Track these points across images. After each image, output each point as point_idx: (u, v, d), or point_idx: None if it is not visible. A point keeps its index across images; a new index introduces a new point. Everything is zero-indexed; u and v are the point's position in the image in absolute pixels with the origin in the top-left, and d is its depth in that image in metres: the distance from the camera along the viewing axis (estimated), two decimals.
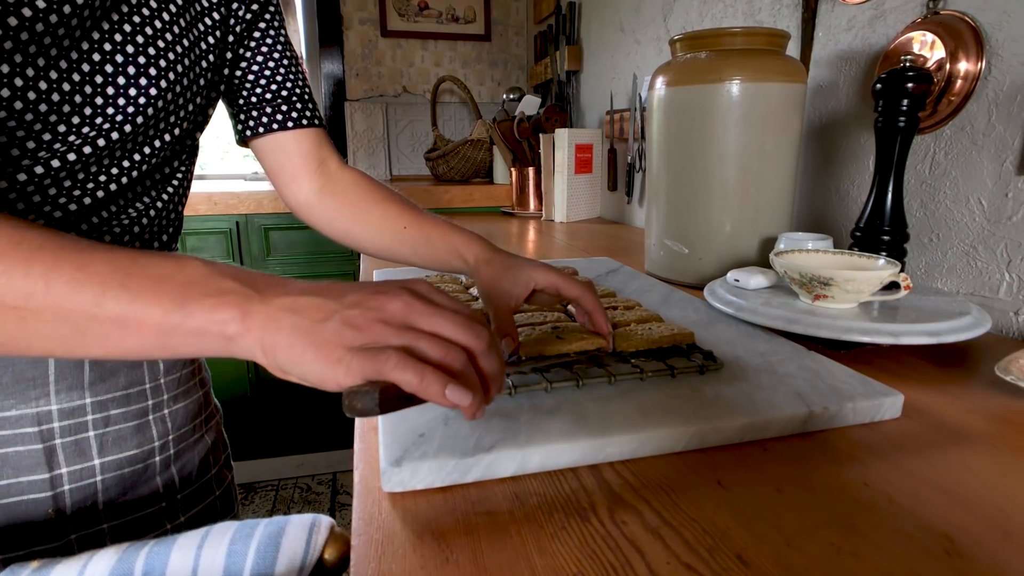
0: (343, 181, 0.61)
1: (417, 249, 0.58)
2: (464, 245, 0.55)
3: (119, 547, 0.34)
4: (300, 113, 0.59)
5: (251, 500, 1.80)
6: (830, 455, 0.38)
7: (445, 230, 0.57)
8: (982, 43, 0.63)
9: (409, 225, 0.59)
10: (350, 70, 2.21)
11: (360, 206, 0.61)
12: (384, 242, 0.60)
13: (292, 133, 0.59)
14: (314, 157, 0.60)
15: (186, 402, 0.55)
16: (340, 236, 0.62)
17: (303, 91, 0.59)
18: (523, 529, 0.31)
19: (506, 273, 0.51)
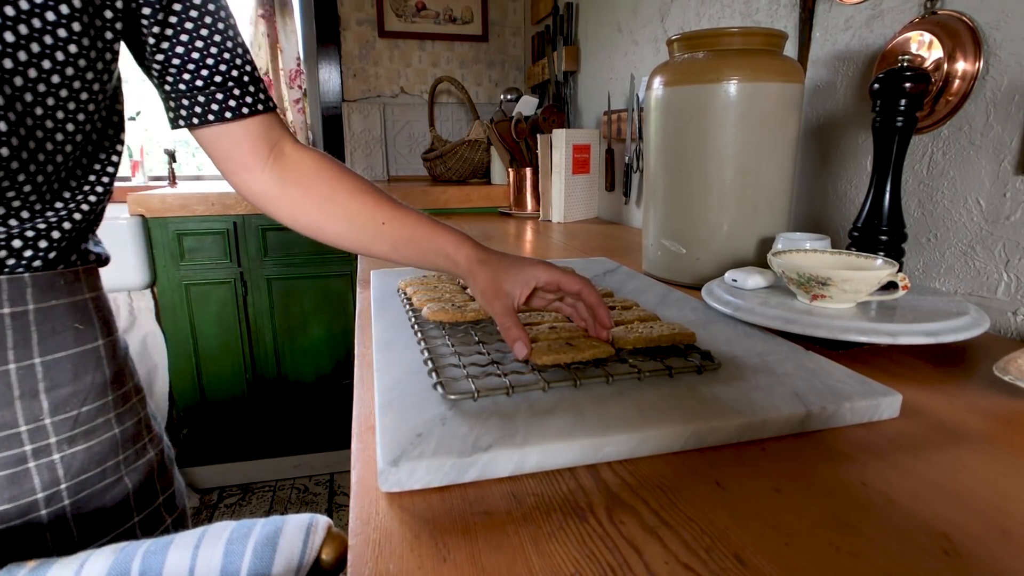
0: (304, 167, 0.55)
1: (398, 247, 0.54)
2: (454, 246, 0.52)
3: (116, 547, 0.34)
4: (240, 100, 0.52)
5: (248, 501, 1.79)
6: (828, 455, 0.38)
7: (430, 228, 0.53)
8: (980, 43, 0.63)
9: (389, 221, 0.54)
10: (347, 71, 2.20)
11: (331, 198, 0.55)
12: (360, 238, 0.55)
13: (236, 123, 0.52)
14: (264, 142, 0.54)
15: (90, 443, 0.47)
16: (305, 229, 0.56)
17: (243, 73, 0.52)
18: (521, 529, 0.31)
19: (505, 273, 0.49)
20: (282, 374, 1.83)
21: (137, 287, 1.65)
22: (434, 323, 0.58)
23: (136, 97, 2.48)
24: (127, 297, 1.66)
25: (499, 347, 0.52)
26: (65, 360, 0.46)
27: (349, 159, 2.24)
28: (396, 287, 0.74)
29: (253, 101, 0.53)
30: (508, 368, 0.46)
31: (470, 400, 0.41)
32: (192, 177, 2.32)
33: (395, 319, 0.61)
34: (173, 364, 1.72)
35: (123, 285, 1.63)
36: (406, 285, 0.70)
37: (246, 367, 1.79)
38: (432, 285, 0.69)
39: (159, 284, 1.68)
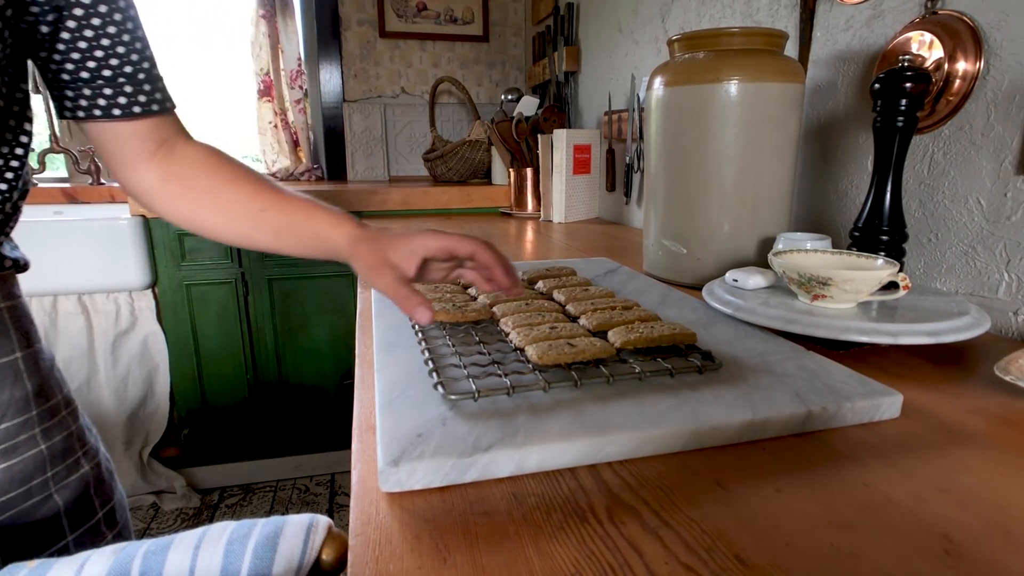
0: (188, 162, 0.52)
1: (279, 235, 0.51)
2: (331, 226, 0.48)
3: (116, 547, 0.34)
4: (131, 99, 0.49)
5: (249, 501, 1.79)
6: (829, 455, 0.38)
7: (310, 211, 0.50)
8: (980, 43, 0.63)
9: (268, 207, 0.51)
10: (348, 71, 2.21)
11: (209, 189, 0.52)
12: (239, 228, 0.52)
13: (122, 121, 0.49)
14: (152, 141, 0.51)
15: (11, 461, 0.45)
16: (188, 224, 0.53)
17: (137, 69, 0.49)
18: (521, 529, 0.31)
19: (389, 245, 0.45)
20: (283, 375, 1.83)
21: (138, 287, 1.65)
22: (435, 323, 0.58)
23: None
24: (128, 297, 1.66)
25: (500, 347, 0.52)
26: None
27: (350, 159, 2.24)
28: None
29: (147, 100, 0.50)
30: (509, 368, 0.46)
31: (471, 400, 0.41)
32: None
33: (396, 319, 0.61)
34: (174, 364, 1.73)
35: (124, 285, 1.63)
36: None
37: (247, 367, 1.79)
38: (433, 285, 0.69)
39: (160, 284, 1.68)
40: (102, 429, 1.68)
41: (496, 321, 0.58)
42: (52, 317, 1.61)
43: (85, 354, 1.64)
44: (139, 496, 1.71)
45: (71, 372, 1.64)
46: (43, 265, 1.56)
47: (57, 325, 1.62)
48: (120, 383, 1.67)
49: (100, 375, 1.66)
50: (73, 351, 1.63)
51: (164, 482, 1.75)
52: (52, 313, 1.61)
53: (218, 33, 2.48)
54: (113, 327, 1.65)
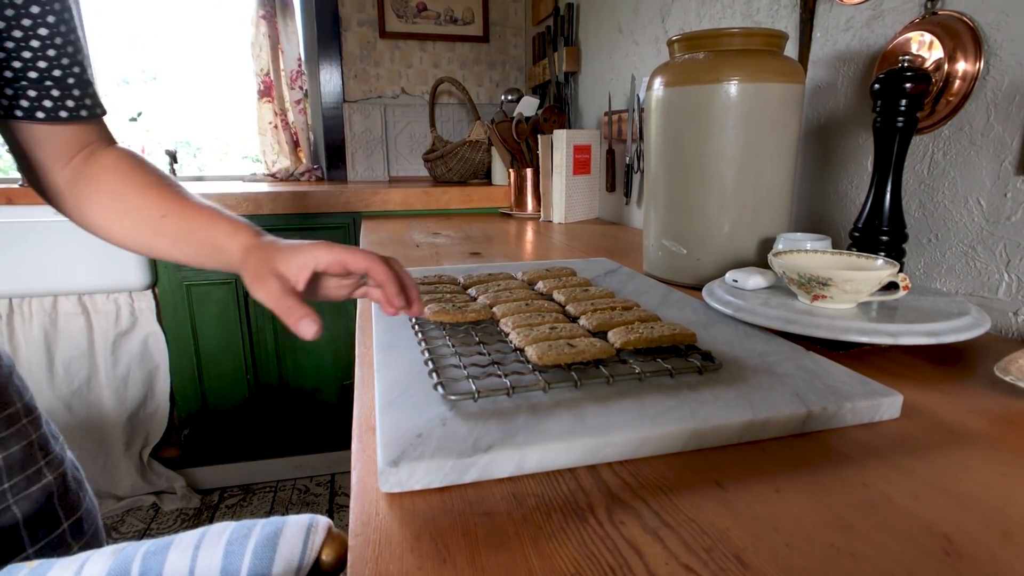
0: (100, 166, 0.51)
1: (178, 242, 0.49)
2: (227, 234, 0.47)
3: (116, 548, 0.34)
4: (57, 103, 0.47)
5: (249, 502, 1.79)
6: (829, 455, 0.38)
7: (209, 218, 0.48)
8: (980, 43, 0.63)
9: (169, 213, 0.49)
10: (348, 71, 2.21)
11: (114, 193, 0.50)
12: (142, 235, 0.50)
13: (44, 124, 0.48)
14: (74, 145, 0.50)
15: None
16: (94, 228, 0.52)
17: (66, 73, 0.47)
18: (521, 530, 0.31)
19: (278, 255, 0.44)
20: (283, 375, 1.83)
21: (138, 288, 1.65)
22: (435, 324, 0.58)
23: (137, 98, 2.48)
24: (128, 298, 1.66)
25: (500, 348, 0.52)
26: None
27: (350, 160, 2.24)
28: None
29: (76, 106, 0.49)
30: (509, 369, 0.46)
31: (470, 401, 0.41)
32: (193, 178, 2.33)
33: (395, 320, 0.61)
34: (174, 365, 1.73)
35: (124, 286, 1.63)
36: None
37: (247, 367, 1.79)
38: (433, 286, 0.69)
39: (160, 285, 1.68)
40: (102, 429, 1.68)
41: (496, 321, 0.58)
42: (52, 317, 1.61)
43: (85, 354, 1.64)
44: (139, 496, 1.71)
45: (71, 372, 1.64)
46: (43, 265, 1.56)
47: (57, 325, 1.62)
48: (120, 383, 1.67)
49: (100, 375, 1.66)
50: (73, 351, 1.63)
51: (164, 482, 1.75)
52: (52, 313, 1.61)
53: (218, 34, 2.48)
54: (113, 327, 1.65)
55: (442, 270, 0.84)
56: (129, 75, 2.46)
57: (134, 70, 2.50)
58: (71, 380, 1.64)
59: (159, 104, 2.48)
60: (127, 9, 2.33)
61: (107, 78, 2.23)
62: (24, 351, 1.60)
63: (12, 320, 1.59)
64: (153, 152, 2.26)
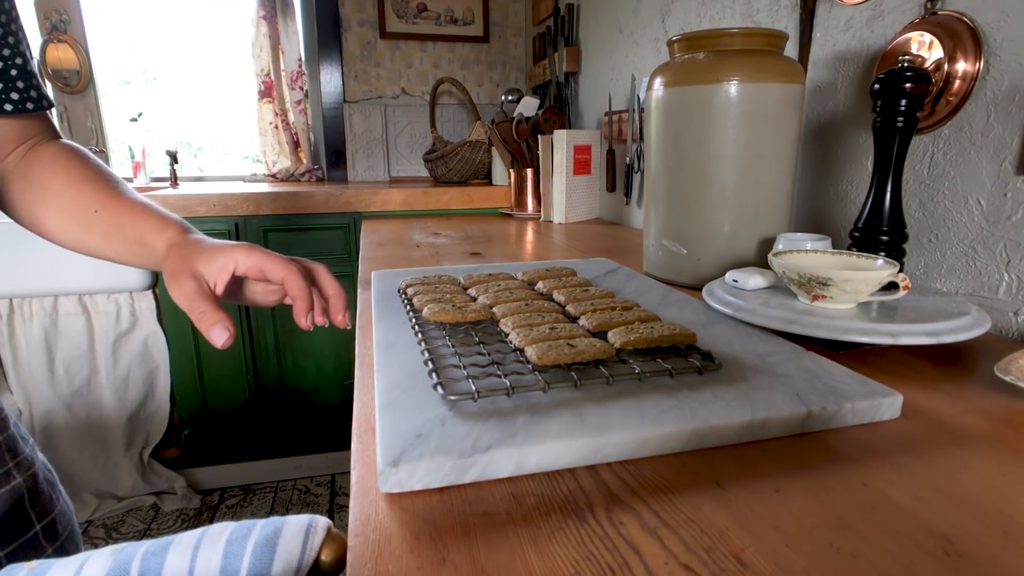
0: (38, 160, 0.50)
1: (108, 238, 0.48)
2: (155, 231, 0.46)
3: (115, 548, 0.34)
4: (0, 95, 0.46)
5: (249, 502, 1.79)
6: (829, 455, 0.38)
7: (140, 214, 0.47)
8: (980, 43, 0.63)
9: (102, 208, 0.48)
10: (349, 72, 2.21)
11: (51, 188, 0.49)
12: (75, 232, 0.49)
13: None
14: (15, 139, 0.49)
15: None
16: (29, 223, 0.51)
17: (9, 66, 0.46)
18: (520, 530, 0.31)
19: (199, 255, 0.43)
20: (283, 375, 1.83)
21: (139, 288, 1.65)
22: (435, 324, 0.58)
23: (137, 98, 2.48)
24: (128, 298, 1.66)
25: (499, 348, 0.52)
26: None
27: (350, 160, 2.25)
28: (397, 288, 0.75)
29: (20, 99, 0.47)
30: (508, 369, 0.46)
31: (470, 401, 0.41)
32: (194, 178, 2.33)
33: (396, 320, 0.61)
34: (175, 365, 1.73)
35: (125, 286, 1.63)
36: (407, 286, 0.70)
37: (247, 368, 1.79)
38: (433, 286, 0.69)
39: (161, 285, 1.68)
40: (102, 430, 1.68)
41: (496, 321, 0.58)
42: (52, 318, 1.61)
43: (86, 355, 1.64)
44: (139, 497, 1.72)
45: (72, 373, 1.64)
46: (43, 265, 1.56)
47: (58, 326, 1.62)
48: (121, 384, 1.68)
49: (101, 376, 1.66)
50: (74, 352, 1.63)
51: (164, 483, 1.75)
52: (52, 314, 1.61)
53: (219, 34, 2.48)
54: (114, 328, 1.65)
55: (442, 270, 0.84)
56: (130, 75, 2.47)
57: (135, 70, 2.51)
58: (71, 380, 1.64)
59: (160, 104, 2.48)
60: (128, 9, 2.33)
61: (107, 78, 2.23)
62: (24, 351, 1.60)
63: (12, 320, 1.59)
64: (154, 152, 2.26)
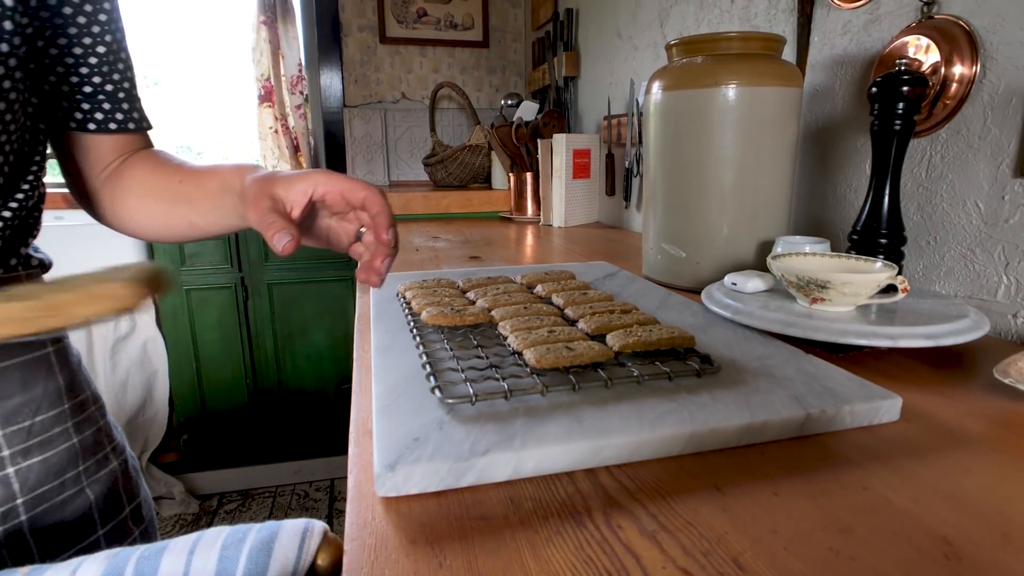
0: (128, 164, 0.54)
1: (192, 200, 0.51)
2: (233, 173, 0.48)
3: (109, 553, 0.34)
4: (108, 115, 0.51)
5: (248, 507, 1.79)
6: (828, 458, 0.38)
7: (218, 169, 0.51)
8: (976, 47, 0.63)
9: (184, 179, 0.52)
10: (349, 76, 2.21)
11: (137, 179, 0.53)
12: (159, 208, 0.53)
13: (94, 135, 0.51)
14: (114, 154, 0.53)
15: (46, 454, 0.46)
16: (119, 221, 0.55)
17: (117, 88, 0.51)
18: (518, 534, 0.31)
19: (277, 181, 0.44)
20: (282, 379, 1.82)
21: None
22: (433, 327, 0.58)
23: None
24: None
25: (498, 351, 0.52)
26: (12, 369, 0.45)
27: (350, 164, 2.25)
28: (396, 292, 0.74)
29: (124, 119, 0.52)
30: (507, 372, 0.46)
31: (468, 404, 0.41)
32: None
33: (394, 323, 0.61)
34: (174, 369, 1.72)
35: None
36: (405, 289, 0.70)
37: (246, 372, 1.79)
38: (431, 289, 0.69)
39: None
40: None
41: (494, 325, 0.58)
42: None
43: (84, 359, 1.64)
44: None
45: None
46: None
47: None
48: (119, 388, 1.67)
49: (99, 380, 1.66)
50: None
51: (163, 488, 1.74)
52: None
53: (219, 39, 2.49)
54: (112, 332, 1.65)
55: (441, 274, 0.84)
56: None
57: (136, 75, 2.51)
58: None
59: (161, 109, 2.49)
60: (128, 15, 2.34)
61: None
62: None
63: None
64: None
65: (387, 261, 0.44)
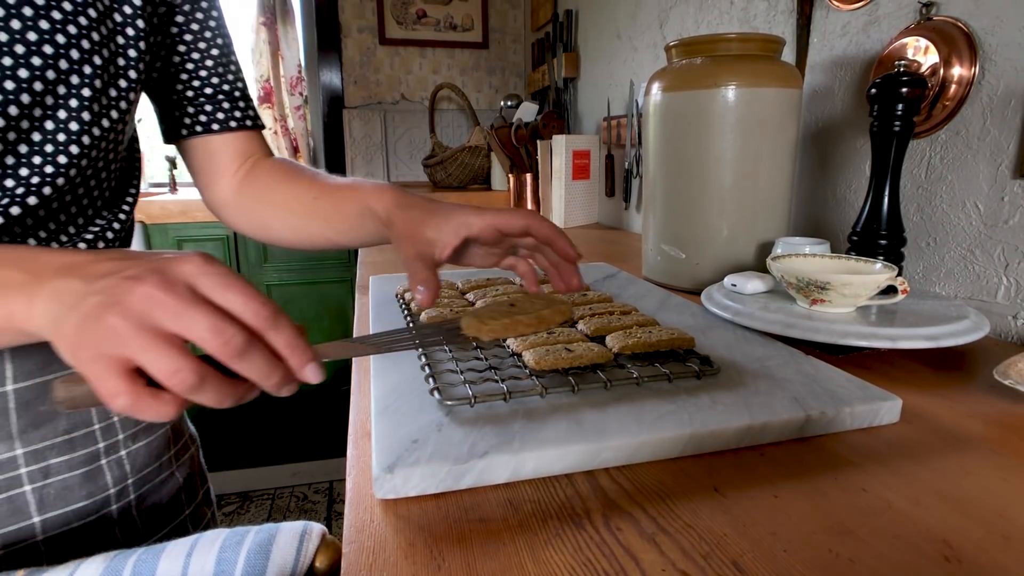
0: (260, 172, 0.56)
1: (329, 219, 0.52)
2: (375, 196, 0.48)
3: (106, 555, 0.33)
4: (228, 114, 0.54)
5: (247, 509, 1.78)
6: (828, 460, 0.38)
7: (355, 187, 0.51)
8: (975, 48, 0.63)
9: (319, 195, 0.53)
10: (348, 78, 2.21)
11: (272, 188, 0.55)
12: (295, 221, 0.54)
13: (218, 135, 0.54)
14: (239, 156, 0.56)
15: (149, 439, 0.49)
16: (255, 230, 0.57)
17: (233, 88, 0.54)
18: (517, 536, 0.30)
19: (429, 218, 0.43)
20: None
21: None
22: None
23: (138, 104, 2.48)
24: None
25: (497, 352, 0.52)
26: None
27: (350, 165, 2.25)
28: (395, 293, 0.74)
29: (242, 116, 0.55)
30: (506, 373, 0.46)
31: (467, 406, 0.41)
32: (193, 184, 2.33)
33: (393, 324, 0.61)
34: None
35: None
36: (404, 291, 0.70)
37: None
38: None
39: None
40: None
41: None
42: None
43: None
44: None
45: None
46: None
47: None
48: None
49: None
50: None
51: None
52: None
53: None
54: None
55: (441, 275, 0.83)
56: None
57: None
58: None
59: None
60: None
61: None
62: None
63: None
64: (153, 158, 2.26)
65: (578, 274, 0.45)
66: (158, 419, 0.26)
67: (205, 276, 0.26)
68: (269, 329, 0.27)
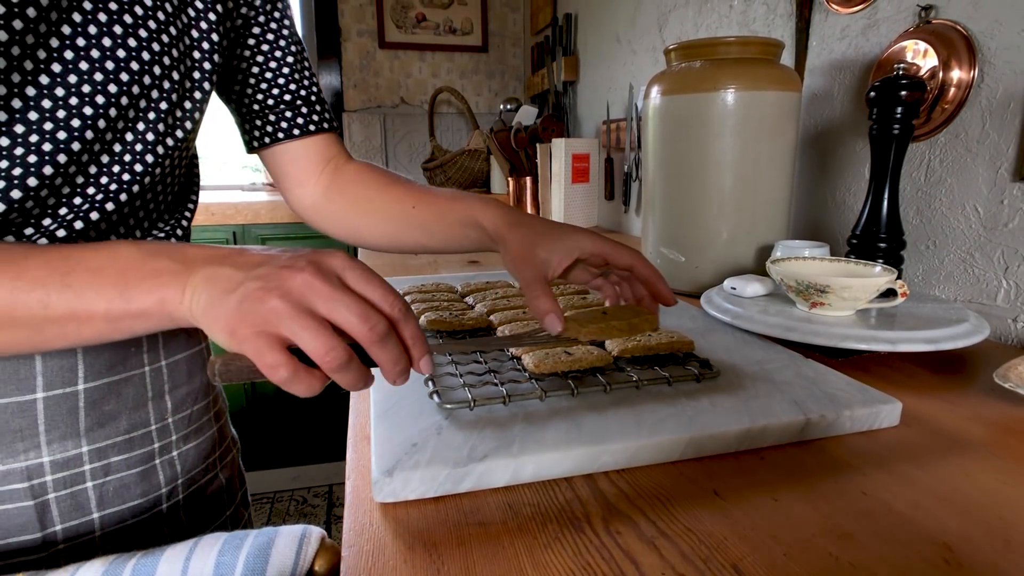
0: (347, 176, 0.57)
1: (428, 228, 0.53)
2: (480, 210, 0.49)
3: (105, 559, 0.33)
4: (307, 119, 0.55)
5: None
6: (828, 463, 0.38)
7: (458, 199, 0.52)
8: (974, 51, 0.63)
9: (418, 204, 0.53)
10: (348, 81, 2.22)
11: (364, 195, 0.56)
12: (391, 229, 0.55)
13: (299, 140, 0.55)
14: (321, 159, 0.57)
15: (198, 440, 0.50)
16: (346, 234, 0.58)
17: (310, 93, 0.55)
18: (516, 540, 0.30)
19: (542, 238, 0.44)
20: None
21: None
22: (432, 331, 0.58)
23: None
24: None
25: (496, 356, 0.52)
26: (182, 361, 0.49)
27: None
28: None
29: (320, 120, 0.56)
30: (505, 377, 0.46)
31: (466, 409, 0.41)
32: None
33: None
34: None
35: None
36: (404, 294, 0.70)
37: None
38: (430, 294, 0.69)
39: None
40: None
41: (493, 329, 0.58)
42: None
43: None
44: None
45: None
46: None
47: None
48: None
49: None
50: None
51: None
52: None
53: None
54: None
55: (440, 278, 0.83)
56: None
57: None
58: None
59: None
60: None
61: None
62: None
63: None
64: None
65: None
66: (307, 393, 0.29)
67: (351, 270, 0.30)
68: (401, 320, 0.30)
